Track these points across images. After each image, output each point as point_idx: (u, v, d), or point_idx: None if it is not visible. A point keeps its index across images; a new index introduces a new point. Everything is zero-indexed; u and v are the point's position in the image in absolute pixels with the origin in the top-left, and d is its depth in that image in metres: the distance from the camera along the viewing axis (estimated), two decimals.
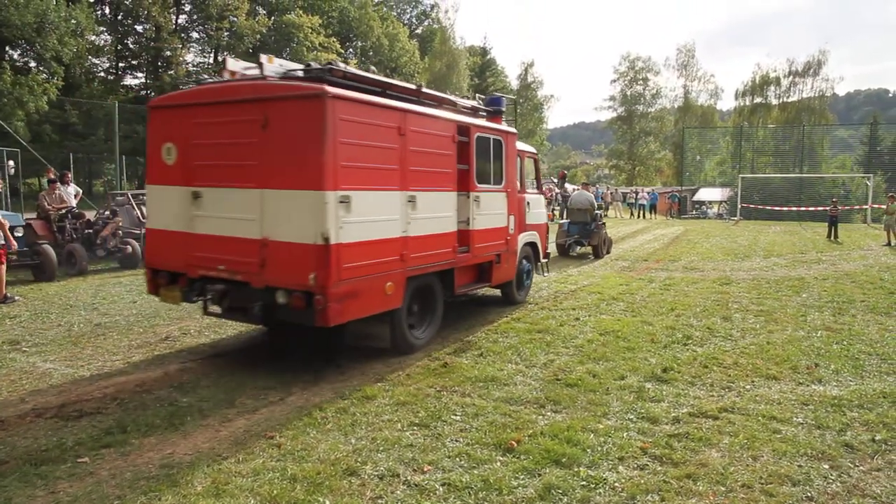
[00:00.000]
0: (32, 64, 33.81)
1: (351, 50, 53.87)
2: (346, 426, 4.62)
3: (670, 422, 4.76)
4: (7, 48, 34.15)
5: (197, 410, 4.94)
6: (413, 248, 6.52)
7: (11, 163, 15.18)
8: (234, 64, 6.54)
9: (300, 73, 6.11)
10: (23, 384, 5.62)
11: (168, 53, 41.83)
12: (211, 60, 46.75)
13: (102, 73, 43.89)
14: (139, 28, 42.71)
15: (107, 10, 42.93)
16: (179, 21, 45.07)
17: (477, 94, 8.82)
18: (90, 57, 40.44)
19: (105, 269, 12.77)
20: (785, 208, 34.05)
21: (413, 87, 7.12)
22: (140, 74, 45.75)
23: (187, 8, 45.59)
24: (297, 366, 6.16)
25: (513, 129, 8.99)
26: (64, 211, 12.94)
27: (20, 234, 11.30)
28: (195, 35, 46.57)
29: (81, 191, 15.94)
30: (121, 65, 44.96)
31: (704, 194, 43.14)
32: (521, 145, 9.43)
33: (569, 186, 35.53)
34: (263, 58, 6.17)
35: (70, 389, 5.45)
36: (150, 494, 3.63)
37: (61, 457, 4.12)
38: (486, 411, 4.92)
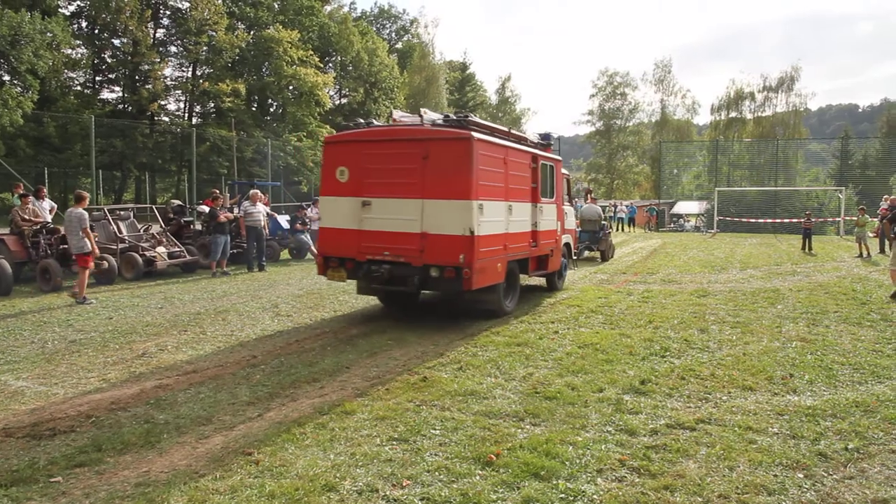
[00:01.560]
0: (6, 77, 33.37)
1: (330, 65, 53.94)
2: (324, 441, 4.59)
3: (648, 433, 4.80)
4: None
5: (174, 427, 4.88)
6: (510, 241, 9.25)
7: None
8: (396, 113, 9.67)
9: (441, 121, 8.87)
10: None
11: (146, 67, 41.55)
12: (189, 74, 46.54)
13: (79, 87, 43.43)
14: (116, 42, 42.39)
15: (83, 24, 42.56)
16: (157, 35, 44.80)
17: (535, 132, 12.14)
18: (66, 70, 40.00)
19: None
20: (761, 221, 34.59)
21: (505, 129, 9.78)
22: (117, 88, 45.33)
23: (165, 22, 45.37)
24: (276, 381, 6.11)
25: (559, 157, 11.93)
26: (38, 226, 12.75)
27: None
28: (173, 49, 46.30)
29: (56, 206, 15.72)
30: (98, 79, 44.55)
31: (682, 207, 43.69)
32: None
33: None
34: (423, 111, 9.14)
35: (43, 408, 5.35)
36: None
37: (33, 476, 4.04)
38: (466, 425, 4.92)
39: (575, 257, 13.79)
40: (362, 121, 9.54)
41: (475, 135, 8.22)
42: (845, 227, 31.39)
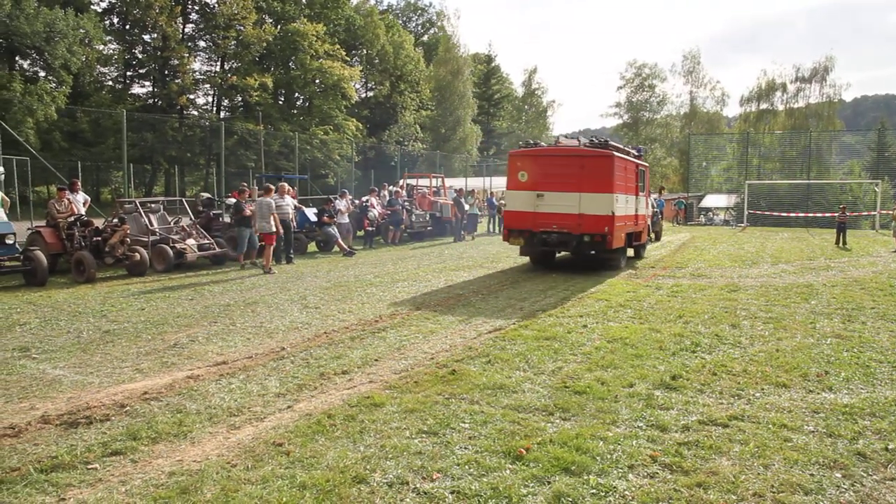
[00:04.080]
0: (42, 73, 34.04)
1: (357, 58, 54.07)
2: (354, 433, 4.61)
3: (680, 430, 4.73)
4: (17, 57, 34.43)
5: (206, 418, 4.95)
6: (627, 220, 14.11)
7: (2, 169, 14.94)
8: (562, 138, 14.83)
9: (588, 143, 13.97)
10: (33, 391, 5.63)
11: (175, 62, 42.11)
12: (217, 69, 47.04)
13: (110, 82, 44.19)
14: (147, 37, 43.03)
15: (115, 20, 43.27)
16: (186, 30, 45.37)
17: (629, 144, 18.04)
18: (98, 66, 40.72)
19: (113, 276, 12.83)
20: (792, 214, 33.92)
21: (621, 146, 14.92)
22: (147, 83, 46.06)
23: (194, 17, 45.88)
24: (305, 372, 6.16)
25: (647, 164, 17.41)
26: (72, 218, 13.00)
27: (10, 242, 11.55)
28: (202, 44, 46.86)
29: (90, 198, 16.00)
30: (128, 73, 45.27)
31: (711, 201, 42.97)
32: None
33: None
34: (579, 136, 14.70)
35: (79, 396, 5.46)
36: (159, 501, 3.63)
37: (71, 463, 4.13)
38: (495, 419, 4.90)
39: (653, 235, 20.46)
40: (532, 141, 15.42)
41: (615, 154, 13.36)
42: (881, 220, 30.65)
